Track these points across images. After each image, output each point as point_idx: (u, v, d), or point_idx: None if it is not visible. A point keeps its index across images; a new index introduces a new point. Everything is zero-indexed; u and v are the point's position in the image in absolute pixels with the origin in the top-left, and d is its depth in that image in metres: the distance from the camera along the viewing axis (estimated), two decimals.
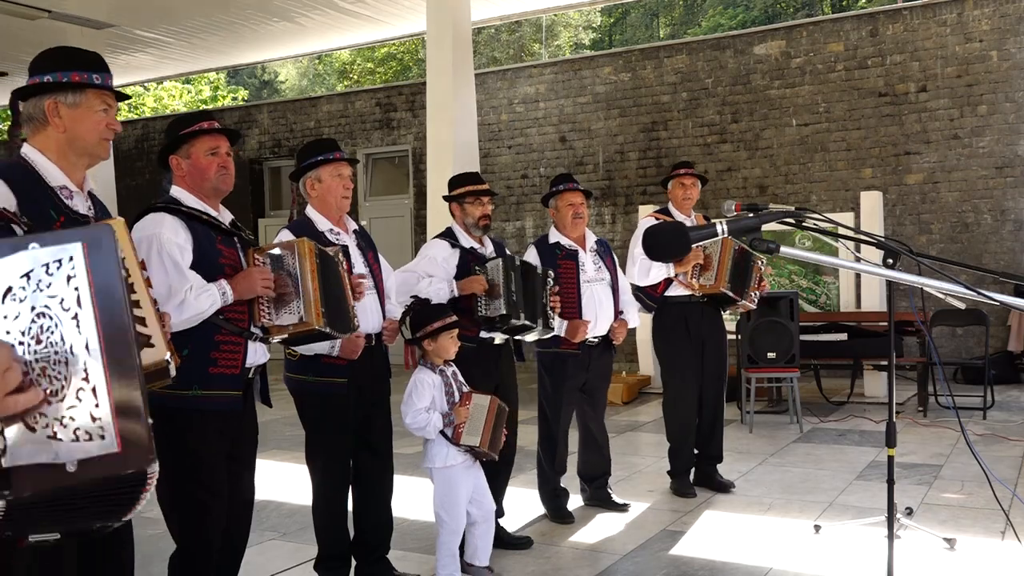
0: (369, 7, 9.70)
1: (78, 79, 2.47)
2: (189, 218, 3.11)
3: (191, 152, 3.18)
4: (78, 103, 2.47)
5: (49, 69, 2.47)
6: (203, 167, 3.17)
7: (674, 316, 5.36)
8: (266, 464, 4.03)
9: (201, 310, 2.99)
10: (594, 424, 5.14)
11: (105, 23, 9.87)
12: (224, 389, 3.09)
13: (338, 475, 3.84)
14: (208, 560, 3.19)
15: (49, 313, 1.21)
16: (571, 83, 11.89)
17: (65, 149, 2.47)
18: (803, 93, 10.56)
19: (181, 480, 3.05)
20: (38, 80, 2.47)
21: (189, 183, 3.19)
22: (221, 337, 3.08)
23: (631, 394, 9.20)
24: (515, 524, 4.79)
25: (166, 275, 2.96)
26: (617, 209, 11.56)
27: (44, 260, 1.22)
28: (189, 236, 3.08)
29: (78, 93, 2.47)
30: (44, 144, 2.46)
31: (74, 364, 1.21)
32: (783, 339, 7.27)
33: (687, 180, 5.44)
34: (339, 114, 13.52)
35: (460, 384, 4.00)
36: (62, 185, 2.43)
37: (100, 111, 2.51)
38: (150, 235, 3.01)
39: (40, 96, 2.46)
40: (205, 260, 3.09)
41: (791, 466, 6.09)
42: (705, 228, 2.02)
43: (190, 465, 3.06)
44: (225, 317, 3.08)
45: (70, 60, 2.50)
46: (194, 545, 3.17)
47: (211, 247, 3.12)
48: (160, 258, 2.98)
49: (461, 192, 4.55)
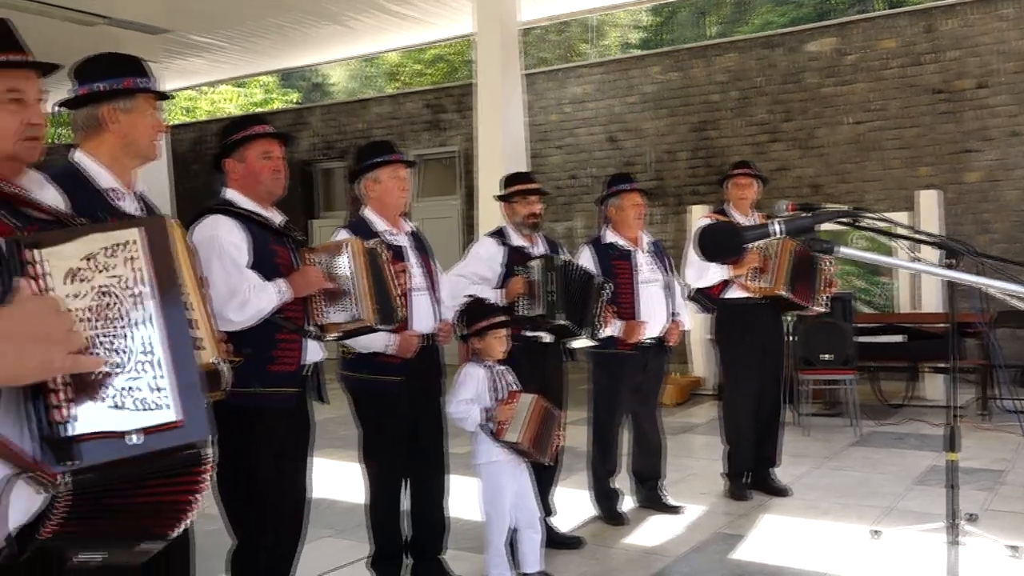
0: (418, 9, 9.75)
1: (130, 85, 2.53)
2: (244, 219, 3.17)
3: (245, 155, 3.24)
4: (132, 108, 2.54)
5: (100, 77, 2.53)
6: (257, 170, 3.23)
7: (733, 318, 5.29)
8: (321, 462, 4.07)
9: (261, 308, 3.05)
10: (648, 425, 5.10)
11: (161, 28, 10.05)
12: (282, 386, 3.15)
13: (392, 474, 3.87)
14: (266, 556, 3.23)
15: (112, 292, 1.27)
16: (620, 83, 11.83)
17: (119, 153, 2.53)
18: (857, 91, 10.38)
19: (240, 477, 3.09)
20: (89, 89, 2.52)
21: (243, 185, 3.25)
22: (280, 336, 3.14)
23: (683, 396, 9.12)
24: (567, 525, 4.77)
25: (227, 275, 3.01)
26: (667, 210, 11.47)
27: (105, 243, 1.28)
28: (245, 236, 3.14)
29: (131, 98, 2.54)
30: (96, 149, 2.52)
31: (136, 339, 1.26)
32: (838, 341, 7.16)
33: (742, 180, 5.37)
34: (389, 116, 13.62)
35: (508, 383, 4.01)
36: (112, 187, 2.49)
37: (151, 114, 2.58)
38: (209, 236, 3.07)
39: (95, 104, 2.52)
40: (261, 260, 3.14)
41: (848, 470, 5.99)
42: (758, 228, 1.99)
43: (249, 462, 3.10)
44: (283, 316, 3.14)
45: (119, 67, 2.56)
46: (252, 541, 3.22)
47: (266, 248, 3.18)
48: (220, 259, 3.04)
49: (510, 191, 4.57)
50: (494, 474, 3.89)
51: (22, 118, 2.07)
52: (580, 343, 4.58)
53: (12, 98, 2.04)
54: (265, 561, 3.24)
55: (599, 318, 4.48)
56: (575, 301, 4.38)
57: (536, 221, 4.54)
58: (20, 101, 2.06)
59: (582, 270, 4.55)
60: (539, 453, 3.89)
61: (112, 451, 1.22)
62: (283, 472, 3.23)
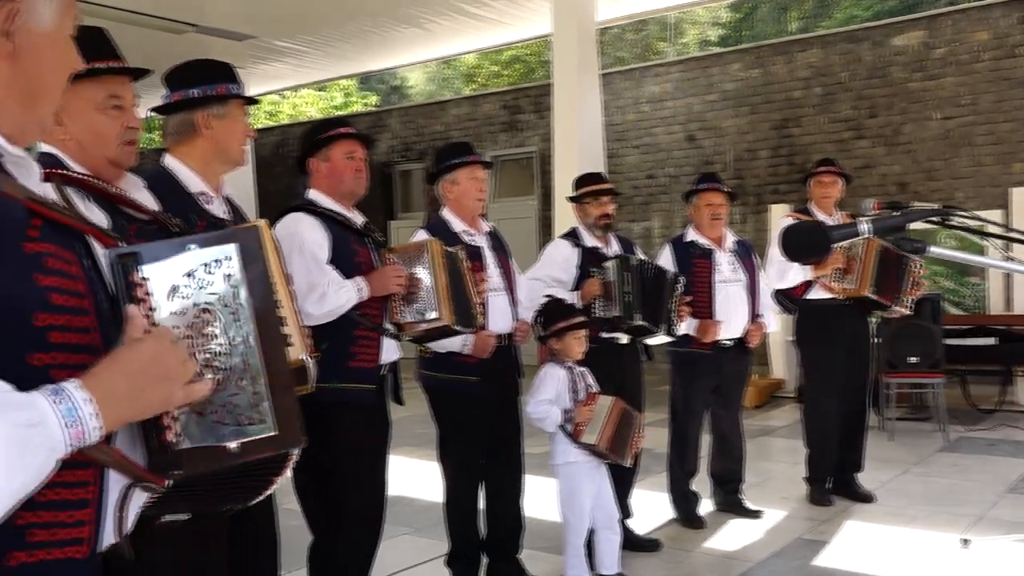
0: (495, 11, 9.79)
1: (224, 91, 2.59)
2: (325, 218, 3.23)
3: (330, 155, 3.31)
4: (225, 114, 2.61)
5: (194, 83, 2.60)
6: (340, 170, 3.30)
7: (816, 319, 5.17)
8: (398, 460, 4.12)
9: (340, 304, 3.11)
10: (728, 428, 5.03)
11: (246, 35, 10.31)
12: (360, 383, 3.20)
13: (470, 473, 3.89)
14: (346, 552, 3.29)
15: (211, 308, 1.31)
16: (699, 81, 11.69)
17: (210, 158, 2.60)
18: (946, 85, 10.04)
19: (319, 472, 3.15)
20: (183, 95, 2.59)
21: (326, 185, 3.31)
22: (358, 332, 3.19)
23: (762, 398, 8.97)
24: (644, 527, 4.74)
25: (307, 271, 3.08)
26: (747, 209, 11.29)
27: (204, 260, 1.32)
28: (326, 235, 3.20)
29: (223, 104, 2.60)
30: (188, 154, 2.59)
31: (235, 355, 1.31)
32: (926, 343, 6.94)
33: (826, 178, 5.25)
34: (466, 117, 13.71)
35: (588, 384, 3.99)
36: (201, 191, 2.56)
37: (242, 119, 2.64)
38: (291, 233, 3.14)
39: (190, 110, 2.59)
40: (341, 258, 3.20)
41: (936, 477, 5.81)
42: (847, 227, 1.94)
43: (328, 458, 3.15)
44: (361, 313, 3.19)
45: (212, 73, 2.63)
46: (330, 537, 3.27)
47: (346, 246, 3.24)
48: (301, 255, 3.11)
49: (580, 192, 4.56)
50: (571, 475, 3.88)
51: (122, 122, 2.16)
52: (657, 340, 4.54)
53: (114, 104, 2.14)
54: (343, 557, 3.29)
55: (674, 313, 4.43)
56: (651, 299, 4.34)
57: (608, 222, 4.52)
58: (120, 107, 2.15)
59: (655, 267, 4.52)
60: (617, 455, 3.87)
61: (213, 461, 1.30)
62: (362, 469, 3.28)
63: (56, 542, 1.18)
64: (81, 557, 1.21)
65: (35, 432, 1.07)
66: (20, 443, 1.05)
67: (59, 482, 1.16)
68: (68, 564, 1.20)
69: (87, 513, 1.22)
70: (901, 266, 5.01)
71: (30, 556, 1.16)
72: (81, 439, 1.11)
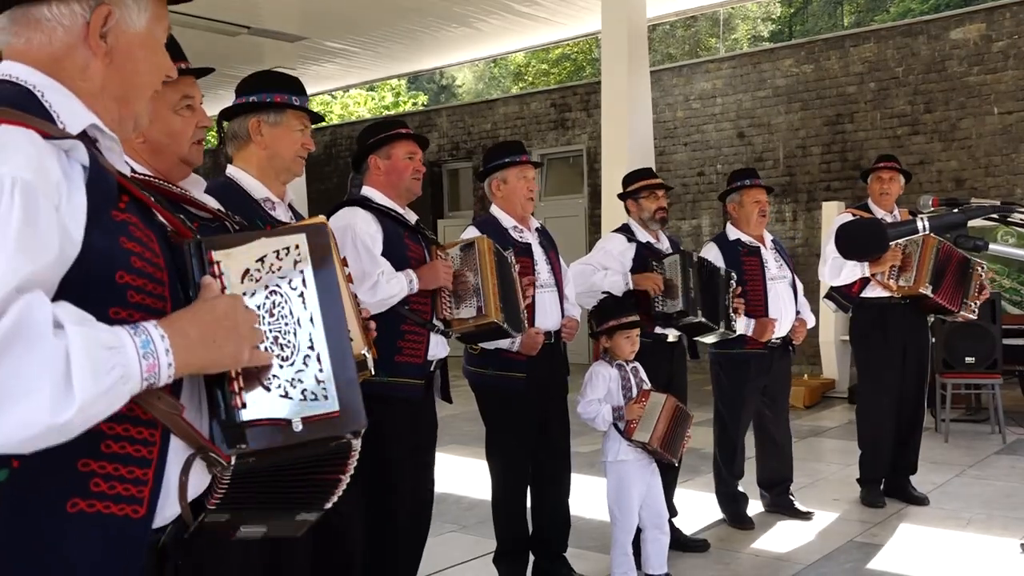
0: (545, 9, 9.78)
1: (279, 100, 2.65)
2: (379, 213, 3.28)
3: (391, 153, 3.37)
4: (279, 122, 2.67)
5: (254, 90, 2.68)
6: (400, 168, 3.36)
7: (871, 318, 5.09)
8: (446, 458, 4.14)
9: (392, 294, 3.15)
10: (775, 428, 4.97)
11: (298, 36, 10.45)
12: (408, 377, 3.23)
13: (517, 471, 3.90)
14: (393, 547, 3.31)
15: (280, 291, 1.40)
16: (750, 77, 11.56)
17: (265, 165, 2.67)
18: (1006, 79, 9.80)
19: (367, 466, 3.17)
20: (243, 100, 2.67)
21: (383, 182, 3.37)
22: (406, 327, 3.23)
23: (813, 398, 8.85)
24: (692, 527, 4.70)
25: (360, 260, 3.13)
26: (799, 206, 11.14)
27: (275, 247, 1.42)
28: (379, 228, 3.25)
29: (279, 113, 2.66)
30: (247, 161, 2.67)
31: (301, 334, 1.39)
32: (983, 343, 6.79)
33: (884, 174, 5.16)
34: (515, 116, 13.73)
35: (640, 381, 3.97)
36: (266, 197, 2.64)
37: (298, 131, 2.70)
38: (345, 225, 3.20)
39: (245, 116, 2.67)
40: (394, 252, 3.25)
41: (993, 479, 5.68)
42: (905, 224, 1.91)
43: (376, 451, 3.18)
44: (410, 308, 3.22)
45: (273, 82, 2.71)
46: (380, 532, 3.30)
47: (399, 241, 3.29)
48: (355, 245, 3.16)
49: (635, 187, 4.54)
50: (621, 473, 3.86)
51: (194, 122, 2.23)
52: (711, 338, 4.52)
53: (186, 104, 2.20)
54: (392, 551, 3.32)
55: (732, 310, 4.41)
56: (709, 296, 4.33)
57: (664, 216, 4.51)
58: (191, 107, 2.22)
59: (716, 268, 4.50)
60: (670, 453, 3.84)
61: (277, 437, 1.34)
62: (408, 465, 3.30)
63: (114, 496, 1.24)
64: (136, 517, 1.26)
65: (113, 354, 1.15)
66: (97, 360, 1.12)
67: (125, 436, 1.25)
68: (124, 522, 1.25)
69: (147, 473, 1.28)
70: (965, 270, 4.92)
71: (90, 506, 1.22)
72: (154, 373, 1.19)
